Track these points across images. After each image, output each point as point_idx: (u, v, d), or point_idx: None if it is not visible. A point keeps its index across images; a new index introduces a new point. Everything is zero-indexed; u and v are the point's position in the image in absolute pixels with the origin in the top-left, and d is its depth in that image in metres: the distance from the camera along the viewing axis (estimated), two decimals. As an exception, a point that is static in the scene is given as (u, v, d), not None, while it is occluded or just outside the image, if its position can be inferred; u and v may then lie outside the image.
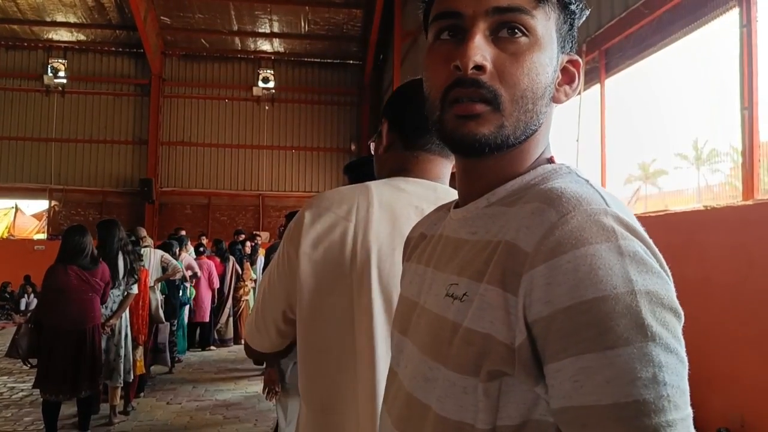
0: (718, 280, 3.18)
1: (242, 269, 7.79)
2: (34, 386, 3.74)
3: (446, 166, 1.03)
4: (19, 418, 4.43)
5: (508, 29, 0.55)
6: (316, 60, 13.46)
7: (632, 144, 5.01)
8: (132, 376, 4.37)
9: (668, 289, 0.47)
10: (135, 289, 4.28)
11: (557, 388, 0.46)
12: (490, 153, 0.56)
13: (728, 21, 3.63)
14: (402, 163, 1.02)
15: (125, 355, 4.22)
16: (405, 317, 0.65)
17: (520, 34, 0.55)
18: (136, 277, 4.28)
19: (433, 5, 0.61)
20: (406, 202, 0.95)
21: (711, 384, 3.16)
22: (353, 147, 13.28)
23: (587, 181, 0.55)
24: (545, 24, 0.56)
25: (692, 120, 4.50)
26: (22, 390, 5.22)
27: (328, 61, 13.51)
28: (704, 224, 3.47)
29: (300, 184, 13.30)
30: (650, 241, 0.49)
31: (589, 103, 5.02)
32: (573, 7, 0.58)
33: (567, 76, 0.60)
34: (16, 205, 12.81)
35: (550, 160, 0.61)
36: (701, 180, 4.45)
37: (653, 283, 0.46)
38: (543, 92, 0.56)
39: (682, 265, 3.49)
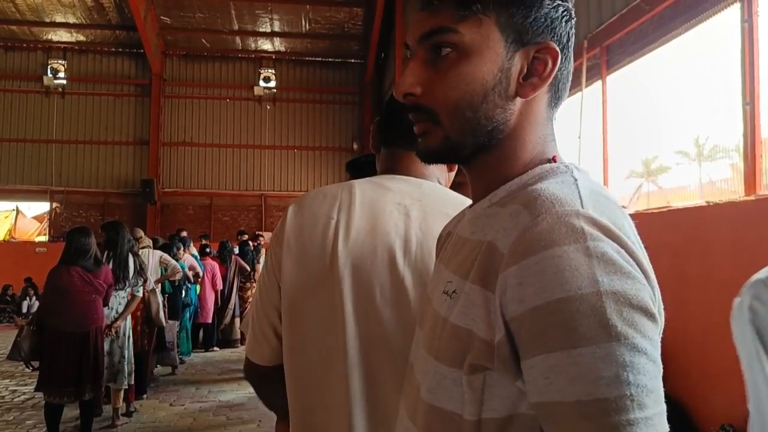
0: (720, 276, 3.17)
1: (253, 270, 7.81)
2: (37, 389, 3.73)
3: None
4: (21, 422, 4.43)
5: (438, 49, 0.59)
6: (317, 59, 13.43)
7: (634, 140, 5.00)
8: (134, 378, 4.38)
9: (639, 290, 0.47)
10: (140, 292, 4.29)
11: (531, 384, 0.48)
12: (452, 160, 0.63)
13: (729, 16, 3.61)
14: (387, 162, 1.04)
15: (128, 357, 4.23)
16: (423, 313, 0.69)
17: (448, 50, 0.58)
18: (144, 278, 4.31)
19: None
20: (389, 199, 0.95)
21: (714, 381, 3.14)
22: (355, 146, 13.27)
23: (576, 180, 0.56)
24: (477, 31, 0.57)
25: (694, 116, 4.48)
26: (24, 393, 5.23)
27: (330, 60, 13.49)
28: (706, 220, 3.45)
29: (302, 183, 13.29)
30: (627, 242, 0.49)
31: (590, 100, 5.00)
32: None
33: (538, 65, 0.59)
34: (17, 208, 12.82)
35: (553, 159, 0.61)
36: (703, 176, 4.43)
37: (621, 283, 0.46)
38: (482, 97, 0.58)
39: (684, 261, 3.48)
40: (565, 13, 0.60)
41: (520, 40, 0.58)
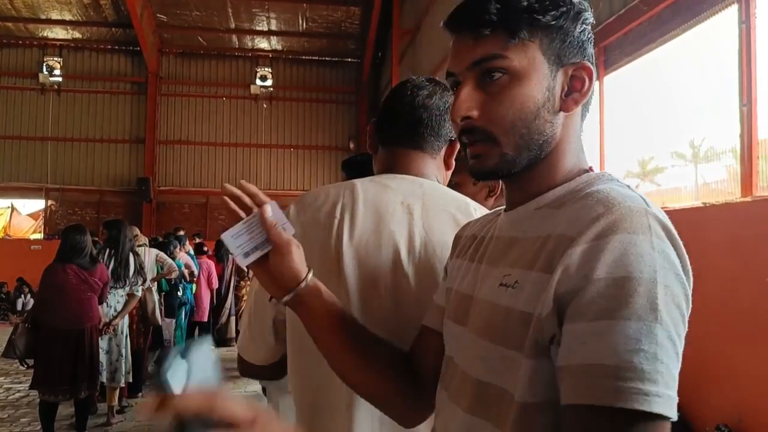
0: (716, 276, 3.18)
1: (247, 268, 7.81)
2: (32, 387, 3.71)
3: (428, 162, 1.03)
4: (16, 419, 4.41)
5: (489, 75, 0.65)
6: (314, 58, 13.42)
7: (631, 140, 5.01)
8: (131, 377, 4.37)
9: (683, 293, 0.54)
10: (140, 291, 4.28)
11: (564, 347, 0.53)
12: (505, 176, 0.68)
13: (727, 17, 3.62)
14: (387, 161, 1.04)
15: (126, 355, 4.22)
16: (460, 309, 0.73)
17: (498, 75, 0.64)
18: (143, 278, 4.30)
19: None
20: (392, 198, 0.95)
21: (709, 381, 3.16)
22: (351, 145, 13.26)
23: (629, 186, 0.63)
24: (524, 55, 0.64)
25: (690, 117, 4.50)
26: (19, 391, 5.20)
27: (326, 59, 13.47)
28: (702, 221, 3.47)
29: (298, 182, 13.27)
30: (682, 246, 0.56)
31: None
32: (559, 23, 0.65)
33: (576, 82, 0.67)
34: (12, 205, 12.75)
35: (590, 169, 0.69)
36: (699, 178, 4.45)
37: (672, 281, 0.53)
38: (535, 114, 0.65)
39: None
40: (590, 35, 0.69)
41: (560, 61, 0.66)
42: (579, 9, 0.67)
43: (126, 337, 4.24)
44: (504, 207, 0.76)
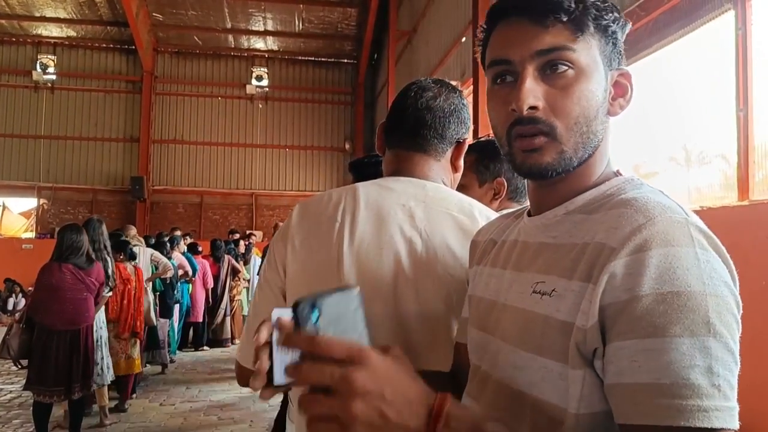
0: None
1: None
2: (25, 388, 3.67)
3: (432, 164, 1.03)
4: (8, 421, 4.36)
5: (553, 66, 0.62)
6: (310, 58, 13.40)
7: (627, 144, 5.05)
8: (116, 376, 4.32)
9: (734, 300, 0.54)
10: (110, 293, 4.16)
11: (615, 365, 0.52)
12: (558, 175, 0.64)
13: (723, 24, 3.65)
14: (392, 163, 1.04)
15: (104, 357, 4.12)
16: (484, 316, 0.71)
17: (565, 68, 0.62)
18: (112, 282, 4.16)
19: (487, 50, 0.68)
20: (393, 201, 0.95)
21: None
22: (347, 146, 13.26)
23: (662, 191, 0.62)
24: (588, 53, 0.62)
25: (687, 121, 4.54)
26: (11, 392, 5.14)
27: (323, 59, 13.46)
28: (699, 225, 3.49)
29: (293, 183, 13.24)
30: (726, 253, 0.56)
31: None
32: (613, 28, 0.64)
33: (619, 88, 0.67)
34: (4, 203, 12.62)
35: (618, 173, 0.68)
36: (692, 182, 4.49)
37: (722, 290, 0.53)
38: (595, 114, 0.63)
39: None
40: (623, 46, 0.68)
41: (610, 64, 0.65)
42: (625, 21, 0.67)
43: (102, 338, 4.09)
44: (524, 209, 0.74)
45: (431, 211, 0.95)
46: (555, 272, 0.61)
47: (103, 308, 4.17)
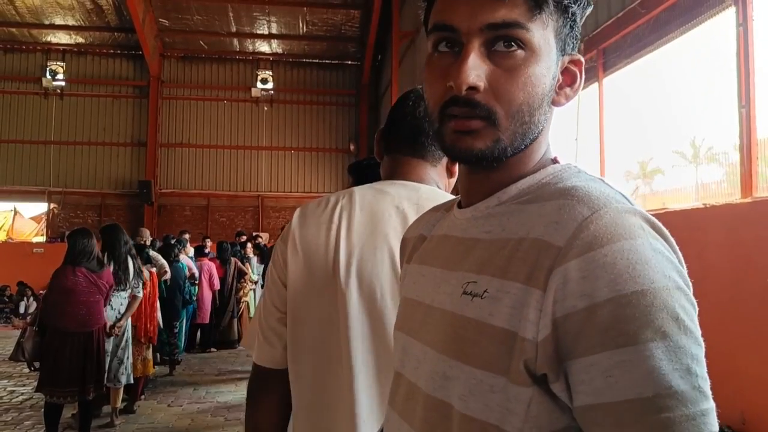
0: (717, 278, 3.19)
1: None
2: (38, 390, 3.73)
3: (428, 169, 1.06)
4: (20, 422, 4.43)
5: (504, 43, 0.54)
6: (314, 61, 13.47)
7: (631, 142, 5.03)
8: (133, 378, 4.40)
9: (687, 285, 0.49)
10: (141, 293, 4.31)
11: (587, 384, 0.46)
12: (489, 164, 0.57)
13: (725, 20, 3.64)
14: (389, 168, 1.07)
15: (128, 357, 4.25)
16: (410, 318, 0.64)
17: (515, 47, 0.54)
18: (143, 280, 4.36)
19: (431, 12, 0.60)
20: (388, 203, 0.99)
21: (711, 382, 3.16)
22: (352, 147, 13.30)
23: (602, 180, 0.56)
24: (542, 34, 0.55)
25: (690, 118, 4.51)
26: (23, 394, 5.22)
27: (327, 61, 13.52)
28: (702, 222, 3.48)
29: (299, 184, 13.31)
30: (670, 237, 0.51)
31: (587, 102, 5.03)
32: (573, 8, 0.57)
33: (569, 76, 0.60)
34: (15, 208, 12.79)
35: (555, 160, 0.61)
36: (699, 178, 4.47)
37: (678, 279, 0.48)
38: (540, 103, 0.56)
39: (680, 263, 3.49)
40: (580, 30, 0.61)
41: (563, 49, 0.58)
42: (588, 2, 0.59)
43: (128, 339, 4.27)
44: (454, 200, 0.67)
45: (423, 212, 0.97)
46: (487, 271, 0.54)
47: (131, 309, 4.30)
